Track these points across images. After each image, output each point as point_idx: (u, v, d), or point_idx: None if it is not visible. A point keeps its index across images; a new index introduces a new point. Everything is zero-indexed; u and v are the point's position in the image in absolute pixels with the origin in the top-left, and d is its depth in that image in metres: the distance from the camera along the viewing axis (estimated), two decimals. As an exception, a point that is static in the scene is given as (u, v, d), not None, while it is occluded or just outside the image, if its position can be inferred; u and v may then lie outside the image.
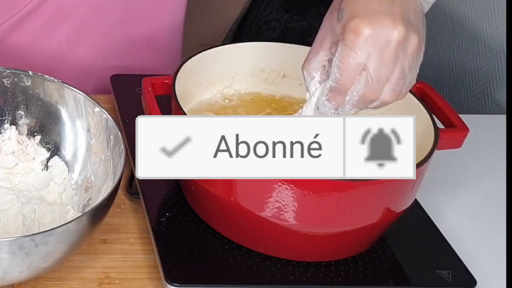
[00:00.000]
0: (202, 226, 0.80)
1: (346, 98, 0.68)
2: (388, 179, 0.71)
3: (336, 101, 0.69)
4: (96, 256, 0.78)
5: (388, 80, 0.67)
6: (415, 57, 0.68)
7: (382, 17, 0.66)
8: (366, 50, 0.66)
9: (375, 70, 0.66)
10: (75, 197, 0.82)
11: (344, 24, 0.67)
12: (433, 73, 1.69)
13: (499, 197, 0.92)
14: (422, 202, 0.86)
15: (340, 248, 0.77)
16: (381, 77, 0.67)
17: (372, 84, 0.67)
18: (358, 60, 0.66)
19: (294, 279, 0.75)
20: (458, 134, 0.79)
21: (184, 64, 0.84)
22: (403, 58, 0.67)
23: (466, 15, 1.56)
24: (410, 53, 0.67)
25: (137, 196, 0.85)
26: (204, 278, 0.74)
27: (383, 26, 0.65)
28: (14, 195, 0.79)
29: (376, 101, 0.69)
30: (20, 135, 0.86)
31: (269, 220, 0.73)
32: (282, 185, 0.70)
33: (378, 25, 0.65)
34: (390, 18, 0.66)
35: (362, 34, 0.65)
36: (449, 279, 0.76)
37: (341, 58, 0.66)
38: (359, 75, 0.67)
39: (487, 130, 1.04)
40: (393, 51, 0.66)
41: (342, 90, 0.68)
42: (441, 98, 0.83)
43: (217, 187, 0.75)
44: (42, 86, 0.84)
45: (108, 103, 0.99)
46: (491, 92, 1.46)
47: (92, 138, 0.82)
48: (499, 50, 1.45)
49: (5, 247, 0.65)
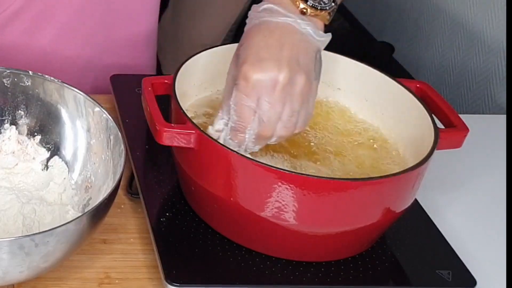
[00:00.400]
0: (202, 226, 0.80)
1: (245, 136, 0.75)
2: (388, 179, 0.72)
3: (237, 139, 0.75)
4: (96, 256, 0.78)
5: (280, 119, 0.73)
6: (305, 94, 0.74)
7: (269, 63, 0.72)
8: (256, 94, 0.72)
9: (265, 112, 0.73)
10: (75, 197, 0.82)
11: (238, 69, 0.74)
12: (433, 73, 1.69)
13: (499, 197, 0.92)
14: (422, 202, 0.86)
15: (340, 248, 0.77)
16: (271, 118, 0.73)
17: (264, 125, 0.73)
18: (249, 104, 0.73)
19: (294, 279, 0.75)
20: (458, 134, 0.79)
21: (184, 64, 0.84)
22: (291, 98, 0.73)
23: (466, 15, 1.56)
24: (299, 92, 0.73)
25: (137, 196, 0.85)
26: (204, 278, 0.74)
27: (269, 72, 0.72)
28: (14, 195, 0.79)
29: (273, 138, 0.75)
30: (20, 135, 0.86)
31: (269, 220, 0.73)
32: (282, 185, 0.70)
33: (264, 71, 0.72)
34: (276, 63, 0.72)
35: (250, 81, 0.72)
36: (449, 279, 0.76)
37: (235, 102, 0.74)
38: (253, 116, 0.73)
39: (487, 130, 1.04)
40: (280, 93, 0.72)
41: (240, 130, 0.75)
42: (441, 98, 0.83)
43: (217, 187, 0.75)
44: (42, 86, 0.84)
45: (108, 103, 0.99)
46: (491, 92, 1.46)
47: (92, 138, 0.82)
48: (499, 50, 1.45)
49: (5, 247, 0.65)
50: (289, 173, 0.70)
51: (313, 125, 0.86)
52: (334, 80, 0.89)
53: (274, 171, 0.70)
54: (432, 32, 1.70)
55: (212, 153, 0.73)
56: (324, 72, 0.89)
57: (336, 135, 0.85)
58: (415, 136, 0.81)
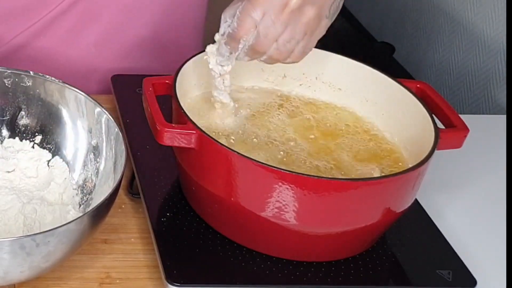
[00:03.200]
0: (202, 226, 0.80)
1: (239, 46, 0.76)
2: (388, 179, 0.72)
3: (230, 45, 0.77)
4: (97, 256, 0.78)
5: (276, 40, 0.75)
6: (310, 26, 0.76)
7: None
8: (262, 9, 0.74)
9: (265, 28, 0.75)
10: (76, 197, 0.82)
11: None
12: (433, 73, 1.69)
13: (499, 197, 0.92)
14: (422, 202, 0.86)
15: (340, 248, 0.77)
16: (269, 35, 0.75)
17: (260, 39, 0.75)
18: (253, 15, 0.74)
19: (294, 279, 0.75)
20: (458, 134, 0.79)
21: (185, 64, 0.84)
22: (295, 25, 0.75)
23: (466, 15, 1.56)
24: (305, 22, 0.75)
25: (138, 196, 0.85)
26: (204, 278, 0.74)
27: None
28: (15, 195, 0.79)
29: (264, 55, 0.77)
30: (21, 135, 0.86)
31: (270, 220, 0.73)
32: (283, 185, 0.70)
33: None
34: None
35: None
36: (449, 279, 0.76)
37: (241, 10, 0.75)
38: (253, 28, 0.75)
39: (487, 130, 1.04)
40: (286, 15, 0.74)
41: (236, 37, 0.76)
42: (441, 98, 0.83)
43: (218, 187, 0.75)
44: (43, 87, 0.84)
45: (109, 103, 0.99)
46: (491, 92, 1.46)
47: (93, 138, 0.82)
48: (499, 50, 1.45)
49: (6, 247, 0.65)
50: (289, 173, 0.70)
51: (313, 125, 0.86)
52: (335, 80, 0.89)
53: (275, 171, 0.70)
54: (432, 32, 1.70)
55: (212, 153, 0.74)
56: (324, 72, 0.90)
57: (336, 135, 0.85)
58: (415, 136, 0.81)
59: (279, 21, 0.74)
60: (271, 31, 0.75)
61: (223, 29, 0.78)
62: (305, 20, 0.75)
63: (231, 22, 0.77)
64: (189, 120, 0.75)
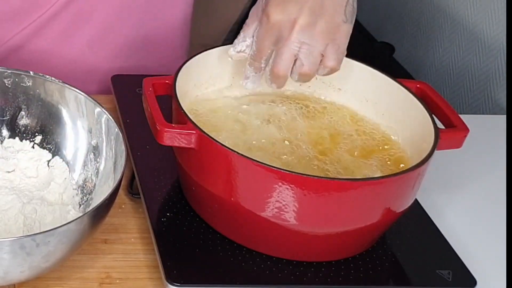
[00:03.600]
0: (202, 226, 0.80)
1: (261, 66, 0.80)
2: (388, 179, 0.72)
3: (254, 66, 0.81)
4: (97, 256, 0.78)
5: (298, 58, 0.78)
6: (328, 34, 0.78)
7: (290, 4, 0.77)
8: (275, 32, 0.77)
9: (280, 48, 0.78)
10: (76, 197, 0.82)
11: (263, 7, 0.79)
12: (433, 73, 1.69)
13: (499, 197, 0.92)
14: (422, 202, 0.86)
15: (340, 248, 0.77)
16: (284, 56, 0.78)
17: (277, 61, 0.79)
18: (268, 38, 0.78)
19: (294, 279, 0.75)
20: (458, 134, 0.79)
21: (185, 64, 0.84)
22: (310, 39, 0.77)
23: (466, 15, 1.56)
24: (319, 31, 0.77)
25: (138, 196, 0.85)
26: (204, 278, 0.74)
27: (289, 13, 0.77)
28: (15, 195, 0.79)
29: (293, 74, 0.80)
30: (21, 135, 0.86)
31: (270, 220, 0.73)
32: (283, 185, 0.70)
33: (284, 12, 0.77)
34: (298, 6, 0.77)
35: (270, 19, 0.77)
36: (449, 279, 0.76)
37: (257, 34, 0.79)
38: (269, 50, 0.79)
39: (487, 130, 1.04)
40: (297, 34, 0.77)
41: (257, 58, 0.80)
42: (441, 98, 0.83)
43: (218, 187, 0.75)
44: (43, 87, 0.84)
45: (109, 103, 0.99)
46: (491, 92, 1.46)
47: (93, 138, 0.82)
48: (499, 50, 1.45)
49: (6, 247, 0.65)
50: (289, 173, 0.70)
51: (314, 125, 0.86)
52: (335, 80, 0.89)
53: (275, 171, 0.70)
54: (432, 32, 1.70)
55: (212, 153, 0.74)
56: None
57: (336, 135, 0.85)
58: (415, 136, 0.81)
59: (291, 42, 0.77)
60: (286, 51, 0.78)
61: (240, 47, 0.82)
62: (318, 30, 0.77)
63: (250, 42, 0.80)
64: (189, 120, 0.75)
